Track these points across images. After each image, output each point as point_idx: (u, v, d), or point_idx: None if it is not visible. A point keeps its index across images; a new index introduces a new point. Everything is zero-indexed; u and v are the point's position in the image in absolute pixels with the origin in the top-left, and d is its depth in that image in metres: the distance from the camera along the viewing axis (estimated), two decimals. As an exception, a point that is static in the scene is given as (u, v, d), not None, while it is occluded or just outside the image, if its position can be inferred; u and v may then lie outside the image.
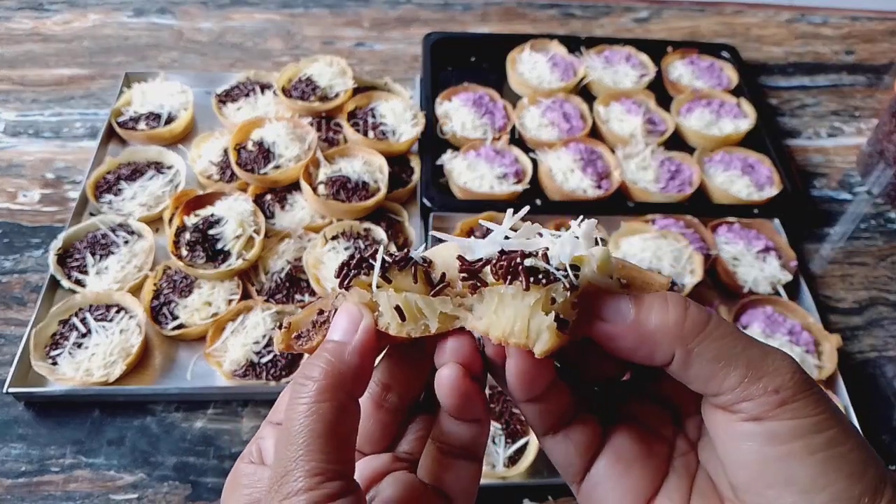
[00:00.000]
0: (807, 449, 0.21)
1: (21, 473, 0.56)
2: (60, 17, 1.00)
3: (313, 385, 0.23)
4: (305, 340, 0.25)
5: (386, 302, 0.24)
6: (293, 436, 0.22)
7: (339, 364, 0.23)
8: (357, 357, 0.24)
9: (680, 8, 1.13)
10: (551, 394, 0.26)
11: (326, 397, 0.23)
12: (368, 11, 1.06)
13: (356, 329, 0.24)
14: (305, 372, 0.23)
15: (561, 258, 0.23)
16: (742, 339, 0.23)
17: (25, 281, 0.69)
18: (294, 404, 0.23)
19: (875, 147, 0.86)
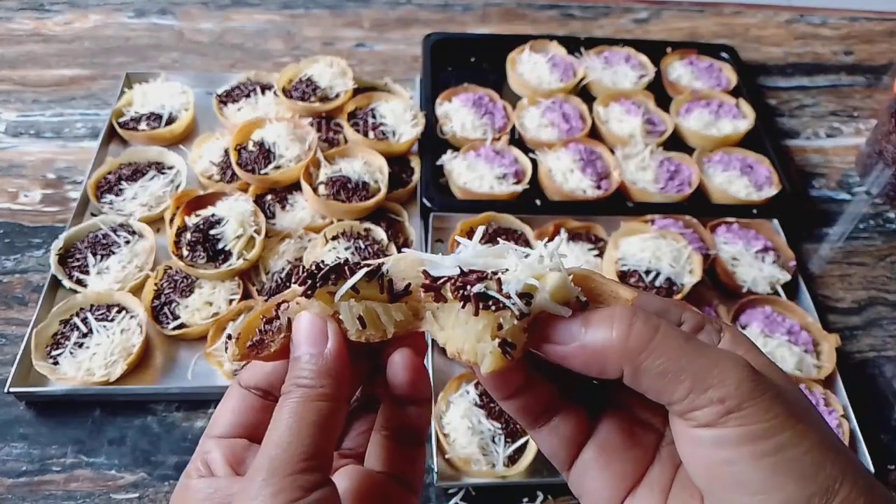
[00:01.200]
0: (754, 454, 0.22)
1: (22, 473, 0.56)
2: (61, 17, 1.00)
3: (304, 390, 0.24)
4: (262, 349, 0.26)
5: (348, 311, 0.25)
6: (284, 428, 0.23)
7: (323, 369, 0.24)
8: (337, 361, 0.25)
9: (679, 9, 1.14)
10: (528, 391, 0.27)
11: (317, 397, 0.24)
12: (368, 12, 1.07)
13: (324, 336, 0.25)
14: (293, 379, 0.24)
15: (512, 286, 0.24)
16: (689, 351, 0.23)
17: (27, 281, 0.69)
18: (284, 405, 0.24)
19: (874, 147, 0.86)
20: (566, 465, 0.28)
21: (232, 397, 0.28)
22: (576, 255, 0.70)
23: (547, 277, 0.24)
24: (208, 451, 0.26)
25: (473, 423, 0.57)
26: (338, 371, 0.25)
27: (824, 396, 0.63)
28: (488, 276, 0.24)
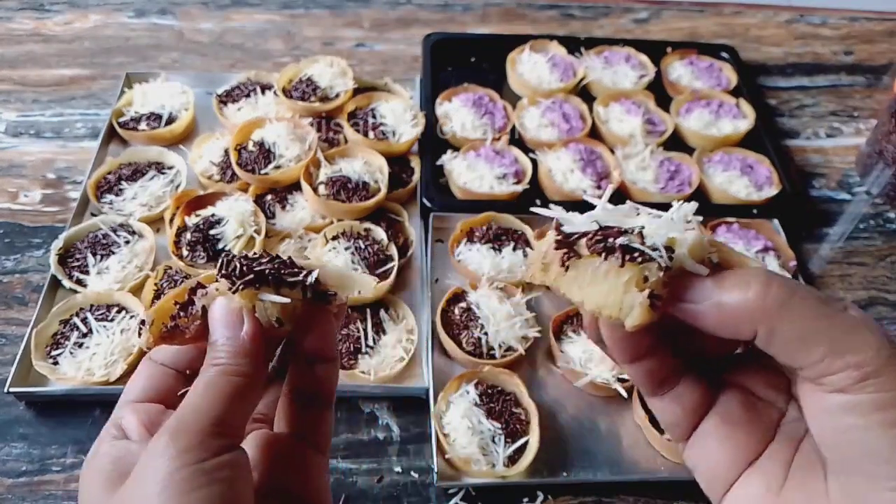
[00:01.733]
0: (886, 422, 0.21)
1: (22, 473, 0.56)
2: (61, 17, 1.00)
3: (221, 368, 0.24)
4: (176, 335, 0.26)
5: (264, 312, 0.26)
6: (198, 395, 0.24)
7: (240, 350, 0.25)
8: (253, 343, 0.25)
9: (679, 9, 1.14)
10: (654, 356, 0.27)
11: (234, 373, 0.24)
12: (368, 12, 1.07)
13: (240, 320, 0.25)
14: (211, 360, 0.25)
15: (656, 239, 0.24)
16: (827, 315, 0.23)
17: (26, 281, 0.69)
18: (201, 378, 0.24)
19: (874, 147, 0.86)
20: (685, 434, 0.28)
21: (144, 370, 0.28)
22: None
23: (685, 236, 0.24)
24: (122, 415, 0.26)
25: (473, 423, 0.57)
26: (254, 352, 0.25)
27: (825, 396, 0.63)
28: (630, 230, 0.24)
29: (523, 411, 0.60)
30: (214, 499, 0.21)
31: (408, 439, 0.60)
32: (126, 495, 0.22)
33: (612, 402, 0.63)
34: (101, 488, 0.23)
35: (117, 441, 0.25)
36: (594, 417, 0.62)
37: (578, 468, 0.59)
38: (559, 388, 0.64)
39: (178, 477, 0.21)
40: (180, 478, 0.21)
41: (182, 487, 0.21)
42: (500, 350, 0.63)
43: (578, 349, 0.63)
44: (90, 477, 0.24)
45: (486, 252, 0.70)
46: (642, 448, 0.60)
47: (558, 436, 0.61)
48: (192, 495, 0.21)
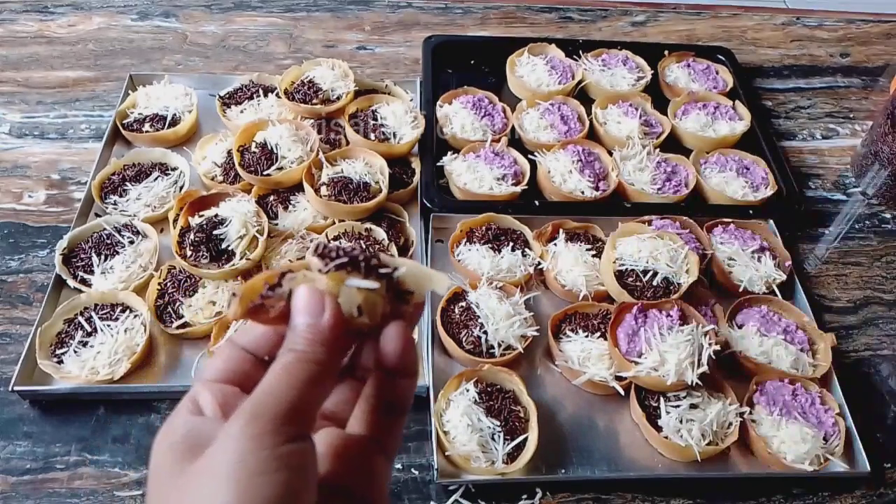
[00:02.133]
0: None
1: (26, 471, 0.57)
2: (65, 19, 1.01)
3: (298, 353, 0.25)
4: (261, 313, 0.27)
5: (349, 298, 0.27)
6: (275, 380, 0.24)
7: (318, 338, 0.25)
8: (332, 332, 0.26)
9: (676, 12, 1.15)
10: None
11: (310, 361, 0.25)
12: (369, 15, 1.08)
13: (321, 307, 0.26)
14: (289, 344, 0.25)
15: None
16: None
17: (31, 280, 0.70)
18: (277, 363, 0.25)
19: (870, 148, 0.87)
20: None
21: (224, 351, 0.28)
22: (574, 256, 0.71)
23: None
24: (198, 392, 0.26)
25: (473, 421, 0.58)
26: (332, 341, 0.26)
27: (820, 395, 0.63)
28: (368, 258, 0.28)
29: (522, 409, 0.61)
30: (283, 484, 0.22)
31: (408, 437, 0.61)
32: (198, 470, 0.23)
33: (610, 400, 0.64)
34: (174, 459, 0.24)
35: (192, 416, 0.25)
36: (592, 415, 0.63)
37: (577, 465, 0.59)
38: (558, 387, 0.64)
39: (252, 459, 0.21)
40: (254, 460, 0.21)
41: (254, 469, 0.21)
42: (499, 349, 0.63)
43: (577, 348, 0.64)
44: (163, 447, 0.24)
45: (486, 252, 0.71)
46: (640, 446, 0.61)
47: (557, 433, 0.61)
48: (263, 478, 0.21)
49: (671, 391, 0.61)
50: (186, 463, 0.23)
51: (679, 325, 0.62)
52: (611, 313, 0.64)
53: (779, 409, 0.61)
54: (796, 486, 0.61)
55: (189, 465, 0.23)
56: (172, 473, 0.23)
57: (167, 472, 0.23)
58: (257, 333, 0.28)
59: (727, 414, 0.60)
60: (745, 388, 0.63)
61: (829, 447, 0.60)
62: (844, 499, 0.60)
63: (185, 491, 0.22)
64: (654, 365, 0.59)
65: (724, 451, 0.60)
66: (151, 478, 0.24)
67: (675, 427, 0.59)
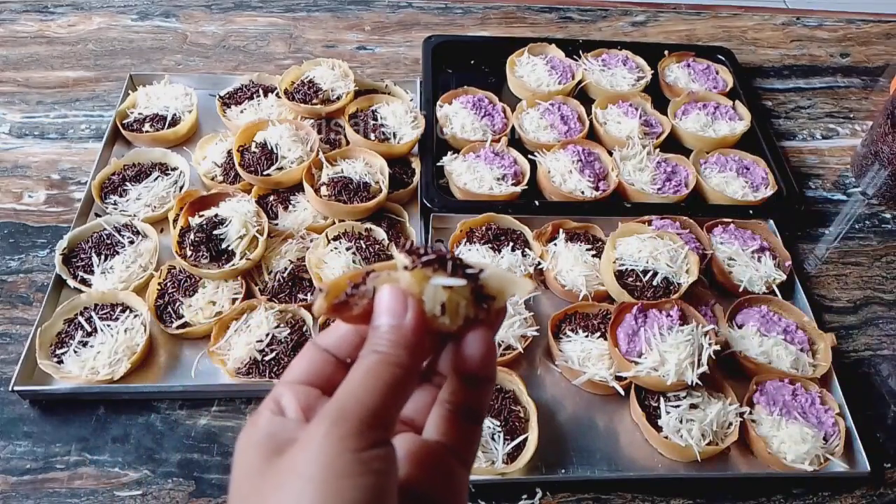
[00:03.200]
0: None
1: (26, 471, 0.57)
2: (65, 19, 1.01)
3: (380, 355, 0.25)
4: (344, 310, 0.27)
5: (434, 296, 0.26)
6: (358, 383, 0.24)
7: (401, 340, 0.25)
8: (414, 334, 0.26)
9: (676, 12, 1.15)
10: None
11: (392, 363, 0.25)
12: (370, 15, 1.08)
13: (404, 308, 0.26)
14: (372, 346, 0.25)
15: None
16: None
17: (31, 280, 0.70)
18: (359, 364, 0.25)
19: (870, 148, 0.87)
20: None
21: (307, 353, 0.28)
22: (574, 255, 0.71)
23: None
24: (281, 393, 0.27)
25: (473, 421, 0.58)
26: (414, 343, 0.25)
27: (820, 395, 0.63)
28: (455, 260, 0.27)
29: (522, 409, 0.61)
30: (368, 488, 0.22)
31: (408, 437, 0.61)
32: (283, 470, 0.23)
33: (609, 400, 0.64)
34: (258, 458, 0.24)
35: (275, 417, 0.25)
36: (592, 415, 0.63)
37: (577, 465, 0.59)
38: (557, 387, 0.64)
39: (337, 463, 0.22)
40: (339, 464, 0.22)
41: (339, 473, 0.21)
42: (499, 349, 0.63)
43: (577, 348, 0.64)
44: (247, 446, 0.25)
45: (486, 252, 0.71)
46: (640, 445, 0.61)
47: (557, 433, 0.61)
48: (348, 482, 0.21)
49: (671, 391, 0.61)
50: (271, 462, 0.23)
51: (679, 325, 0.62)
52: (611, 313, 0.64)
53: (779, 409, 0.61)
54: (796, 486, 0.61)
55: (273, 465, 0.23)
56: (257, 472, 0.23)
57: (251, 470, 0.24)
58: (339, 335, 0.28)
59: (727, 414, 0.60)
60: (745, 388, 0.63)
61: (829, 447, 0.60)
62: (844, 499, 0.60)
63: (269, 490, 0.22)
64: (654, 365, 0.59)
65: (724, 451, 0.60)
66: (235, 476, 0.24)
67: (675, 427, 0.59)
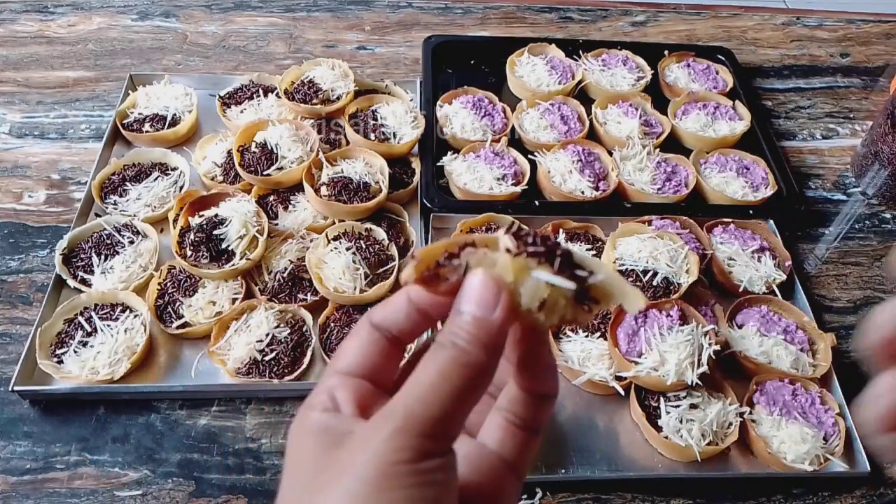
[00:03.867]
0: None
1: (26, 471, 0.57)
2: (65, 20, 1.01)
3: (458, 352, 0.22)
4: (433, 282, 0.24)
5: (534, 289, 0.23)
6: (429, 385, 0.22)
7: (483, 337, 0.23)
8: (500, 334, 0.23)
9: (676, 11, 1.15)
10: None
11: (469, 364, 0.22)
12: (370, 15, 1.08)
13: (496, 302, 0.23)
14: (450, 336, 0.23)
15: None
16: None
17: (31, 280, 0.70)
18: (434, 359, 0.23)
19: (870, 148, 0.87)
20: None
21: (360, 335, 0.26)
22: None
23: None
24: (335, 386, 0.25)
25: (473, 421, 0.58)
26: (497, 345, 0.23)
27: (820, 395, 0.63)
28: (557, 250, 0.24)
29: (522, 409, 0.61)
30: (427, 500, 0.21)
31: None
32: (340, 466, 0.22)
33: (610, 400, 0.64)
34: (317, 448, 0.23)
35: (328, 412, 0.24)
36: (592, 415, 0.63)
37: (577, 465, 0.60)
38: (558, 387, 0.64)
39: (397, 471, 0.21)
40: (399, 472, 0.21)
41: (399, 482, 0.21)
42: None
43: (577, 348, 0.64)
44: (303, 436, 0.24)
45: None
46: (640, 445, 0.61)
47: (557, 433, 0.61)
48: (407, 492, 0.21)
49: (671, 391, 0.61)
50: (329, 454, 0.22)
51: (679, 325, 0.62)
52: (611, 313, 0.64)
53: (779, 409, 0.61)
54: (796, 486, 0.61)
55: (331, 457, 0.22)
56: (314, 462, 0.22)
57: (309, 459, 0.23)
58: (397, 308, 0.25)
59: (727, 414, 0.60)
60: (745, 388, 0.63)
61: (829, 447, 0.60)
62: (844, 499, 0.60)
63: (325, 483, 0.22)
64: (654, 365, 0.59)
65: (724, 451, 0.60)
66: (291, 463, 0.23)
67: (675, 427, 0.59)
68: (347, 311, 0.66)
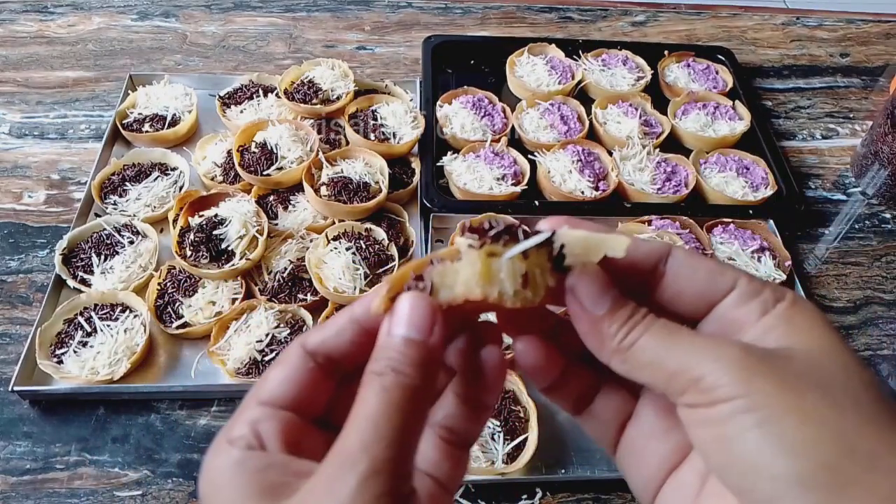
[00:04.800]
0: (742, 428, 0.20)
1: (26, 471, 0.57)
2: (65, 20, 1.01)
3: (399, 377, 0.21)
4: None
5: (511, 269, 0.23)
6: (385, 422, 0.20)
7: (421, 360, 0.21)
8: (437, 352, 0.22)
9: (676, 11, 1.15)
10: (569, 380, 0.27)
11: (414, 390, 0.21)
12: (369, 15, 1.08)
13: (432, 324, 0.22)
14: (386, 364, 0.21)
15: None
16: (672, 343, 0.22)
17: (31, 280, 0.70)
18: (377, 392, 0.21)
19: (870, 148, 0.87)
20: (611, 446, 0.28)
21: (290, 361, 0.23)
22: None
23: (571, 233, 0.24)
24: (259, 419, 0.22)
25: (473, 421, 0.58)
26: (434, 363, 0.22)
27: (820, 394, 0.63)
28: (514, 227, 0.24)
29: (522, 409, 0.61)
30: None
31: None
32: None
33: (610, 401, 0.64)
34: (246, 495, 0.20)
35: (254, 451, 0.21)
36: (592, 415, 0.63)
37: (577, 465, 0.60)
38: (558, 387, 0.64)
39: None
40: None
41: None
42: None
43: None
44: (226, 478, 0.21)
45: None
46: (640, 445, 0.61)
47: (557, 433, 0.61)
48: None
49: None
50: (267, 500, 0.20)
51: (679, 325, 0.62)
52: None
53: (779, 409, 0.61)
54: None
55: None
56: None
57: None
58: (336, 333, 0.24)
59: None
60: (745, 388, 0.63)
61: (829, 447, 0.60)
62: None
63: None
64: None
65: (724, 451, 0.60)
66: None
67: (675, 427, 0.59)
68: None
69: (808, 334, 0.22)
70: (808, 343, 0.22)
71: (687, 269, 0.24)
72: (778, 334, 0.22)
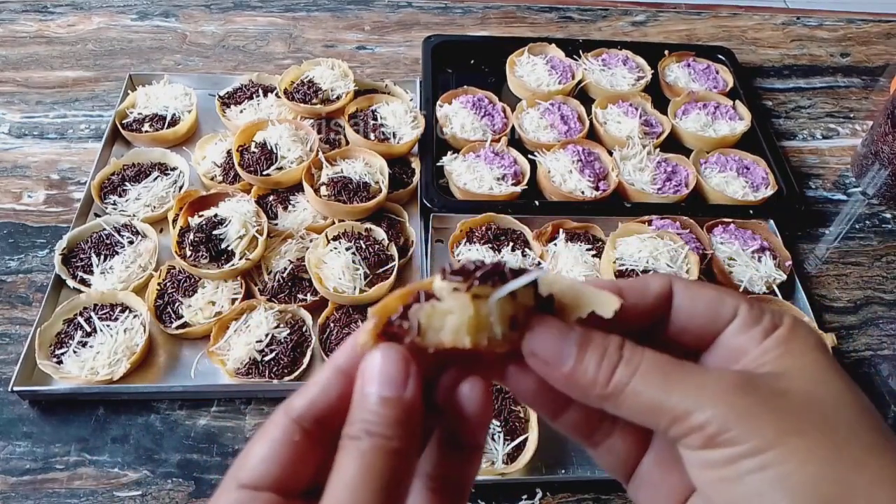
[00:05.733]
0: (740, 472, 0.20)
1: (26, 471, 0.57)
2: (64, 19, 1.01)
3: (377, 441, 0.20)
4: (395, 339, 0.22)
5: (498, 312, 0.22)
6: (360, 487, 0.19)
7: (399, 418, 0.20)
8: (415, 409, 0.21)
9: (676, 11, 1.15)
10: (577, 408, 0.26)
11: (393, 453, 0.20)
12: (369, 15, 1.08)
13: (406, 377, 0.21)
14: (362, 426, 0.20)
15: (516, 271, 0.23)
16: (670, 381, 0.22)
17: (30, 281, 0.70)
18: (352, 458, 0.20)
19: (870, 148, 0.87)
20: (626, 477, 0.27)
21: (272, 435, 0.22)
22: (574, 256, 0.71)
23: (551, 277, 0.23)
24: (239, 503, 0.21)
25: (473, 421, 0.58)
26: (414, 421, 0.21)
27: (820, 395, 0.63)
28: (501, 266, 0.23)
29: (522, 409, 0.60)
30: None
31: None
32: None
33: (610, 401, 0.63)
34: None
35: None
36: (592, 415, 0.63)
37: (577, 466, 0.59)
38: (558, 387, 0.64)
39: None
40: None
41: None
42: (499, 349, 0.63)
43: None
44: None
45: (486, 252, 0.71)
46: (640, 446, 0.61)
47: (557, 434, 0.60)
48: None
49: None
50: None
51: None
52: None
53: (779, 410, 0.61)
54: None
55: None
56: None
57: None
58: (322, 391, 0.22)
59: (727, 414, 0.60)
60: (745, 389, 0.63)
61: (830, 447, 0.60)
62: (845, 499, 0.60)
63: None
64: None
65: (724, 451, 0.60)
66: None
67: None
68: (347, 312, 0.66)
69: (801, 359, 0.23)
70: (801, 368, 0.22)
71: (687, 302, 0.24)
72: (774, 357, 0.23)
